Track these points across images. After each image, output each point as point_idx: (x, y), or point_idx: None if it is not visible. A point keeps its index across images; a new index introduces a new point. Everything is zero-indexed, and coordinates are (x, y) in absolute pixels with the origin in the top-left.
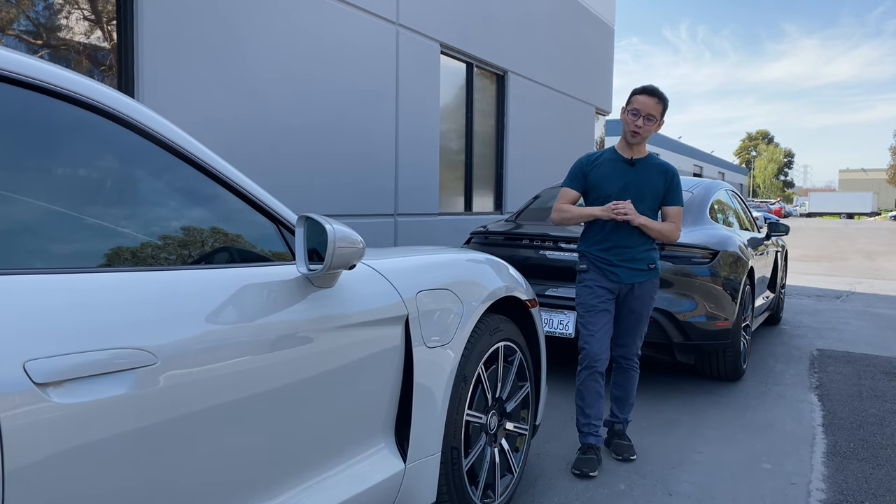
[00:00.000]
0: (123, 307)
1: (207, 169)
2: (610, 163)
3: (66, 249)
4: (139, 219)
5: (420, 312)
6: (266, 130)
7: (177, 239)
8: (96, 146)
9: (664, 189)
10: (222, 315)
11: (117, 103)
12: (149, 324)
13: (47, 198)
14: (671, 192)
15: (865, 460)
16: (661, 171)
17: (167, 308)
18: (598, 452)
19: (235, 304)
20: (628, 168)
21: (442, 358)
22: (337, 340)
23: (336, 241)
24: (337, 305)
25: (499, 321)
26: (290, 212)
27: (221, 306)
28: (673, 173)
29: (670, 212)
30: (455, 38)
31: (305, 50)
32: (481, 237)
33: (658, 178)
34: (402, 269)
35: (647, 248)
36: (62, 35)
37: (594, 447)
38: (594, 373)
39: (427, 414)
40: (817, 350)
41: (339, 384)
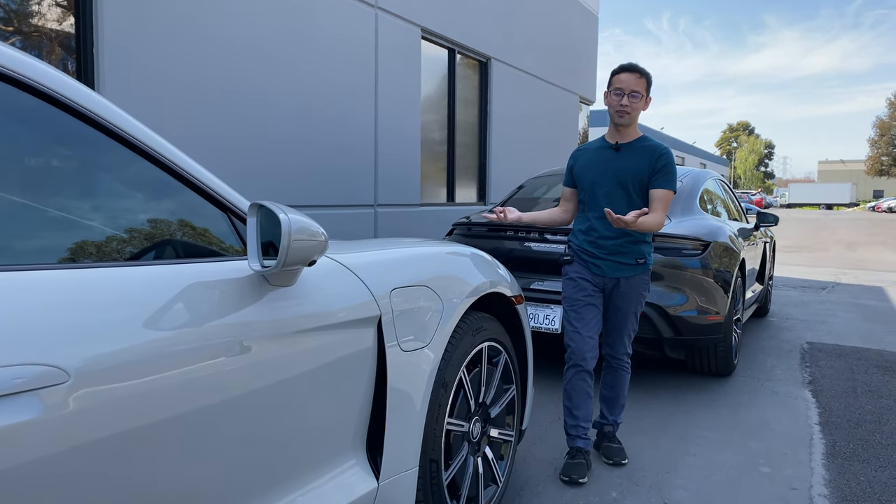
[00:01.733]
0: (27, 314)
1: (139, 146)
2: (594, 152)
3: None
4: (54, 206)
5: (394, 312)
6: (238, 118)
7: (103, 230)
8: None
9: (649, 171)
10: (159, 320)
11: (14, 62)
12: (60, 334)
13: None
14: (658, 174)
15: (867, 462)
16: (647, 153)
17: (86, 314)
18: (587, 457)
19: (175, 306)
20: (612, 154)
21: (419, 362)
22: (297, 346)
23: (292, 233)
24: (297, 306)
25: (482, 320)
26: (243, 199)
27: (159, 310)
28: (661, 154)
29: (656, 195)
30: (436, 23)
31: (280, 33)
32: (464, 228)
33: (643, 162)
34: (375, 264)
35: (635, 240)
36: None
37: (583, 451)
38: (581, 372)
39: (403, 425)
40: (807, 343)
41: (300, 395)
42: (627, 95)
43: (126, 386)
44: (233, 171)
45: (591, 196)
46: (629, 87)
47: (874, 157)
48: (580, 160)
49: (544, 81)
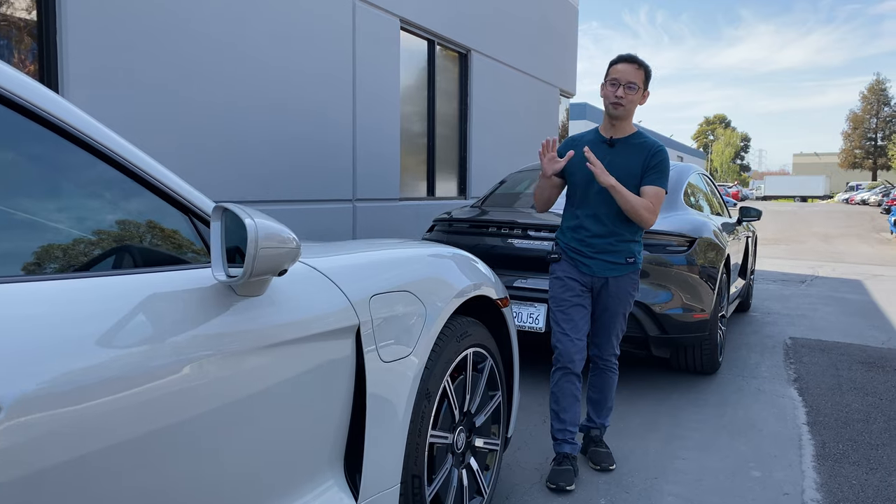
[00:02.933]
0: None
1: (87, 141)
2: (589, 145)
3: None
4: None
5: (374, 320)
6: (209, 111)
7: (46, 237)
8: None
9: (641, 169)
10: (112, 337)
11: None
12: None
13: None
14: (650, 171)
15: (857, 464)
16: (640, 151)
17: (27, 335)
18: (574, 463)
19: (131, 321)
20: (606, 149)
21: (401, 373)
22: (266, 359)
23: (259, 240)
24: (267, 317)
25: (467, 324)
26: (208, 201)
27: (113, 326)
28: (655, 151)
29: (647, 192)
30: (416, 14)
31: (254, 24)
32: (445, 225)
33: (635, 159)
34: (353, 268)
35: (625, 239)
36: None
37: (570, 457)
38: (569, 374)
39: (384, 440)
40: (790, 339)
41: (270, 412)
42: (623, 87)
43: (73, 411)
44: (203, 166)
45: (582, 194)
46: (625, 78)
47: (847, 150)
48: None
49: (525, 74)
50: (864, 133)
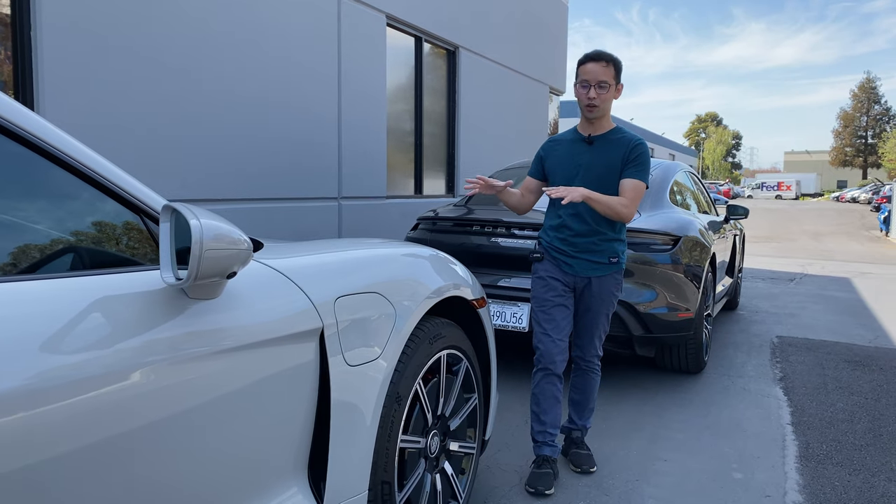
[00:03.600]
0: None
1: (28, 138)
2: (567, 144)
3: None
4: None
5: (339, 323)
6: (186, 106)
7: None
8: None
9: (621, 164)
10: (58, 343)
11: None
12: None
13: None
14: (630, 164)
15: (841, 465)
16: (620, 146)
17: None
18: (554, 466)
19: (77, 326)
20: (585, 148)
21: (369, 377)
22: (222, 365)
23: (204, 241)
24: (222, 321)
25: (441, 326)
26: (161, 199)
27: (58, 331)
28: (634, 145)
29: (625, 185)
30: (403, 10)
31: (234, 19)
32: (429, 223)
33: (615, 154)
34: (317, 269)
35: (608, 238)
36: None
37: (550, 460)
38: (550, 375)
39: (350, 446)
40: (777, 337)
41: (227, 419)
42: (594, 87)
43: (15, 420)
44: (181, 163)
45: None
46: (595, 77)
47: (838, 148)
48: (552, 154)
49: (514, 71)
50: (855, 131)
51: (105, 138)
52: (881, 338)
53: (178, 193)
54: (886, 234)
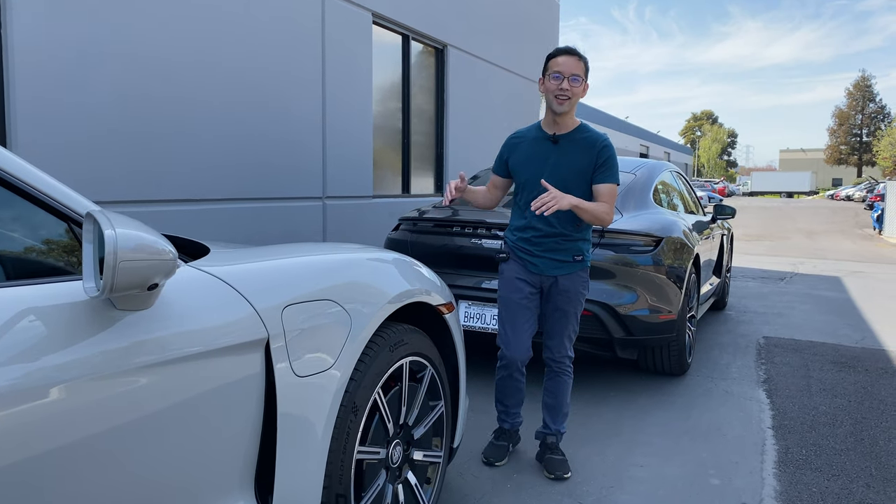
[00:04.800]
0: None
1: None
2: (531, 143)
3: None
4: None
5: (287, 333)
6: (166, 106)
7: None
8: None
9: (592, 166)
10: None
11: None
12: None
13: None
14: (601, 168)
15: (819, 470)
16: (587, 147)
17: None
18: (511, 438)
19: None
20: (550, 147)
21: (320, 388)
22: (155, 379)
23: (119, 252)
24: (155, 332)
25: (404, 332)
26: (90, 205)
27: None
28: (603, 146)
29: (601, 191)
30: (389, 8)
31: (213, 15)
32: (410, 224)
33: (583, 155)
34: (263, 276)
35: (573, 238)
36: None
37: (507, 432)
38: (513, 371)
39: (299, 459)
40: (764, 338)
41: (162, 436)
42: (567, 79)
43: None
44: (157, 163)
45: (529, 193)
46: (569, 70)
47: (833, 146)
48: (516, 152)
49: (504, 69)
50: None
51: (78, 139)
52: (868, 338)
53: (154, 194)
54: (880, 233)
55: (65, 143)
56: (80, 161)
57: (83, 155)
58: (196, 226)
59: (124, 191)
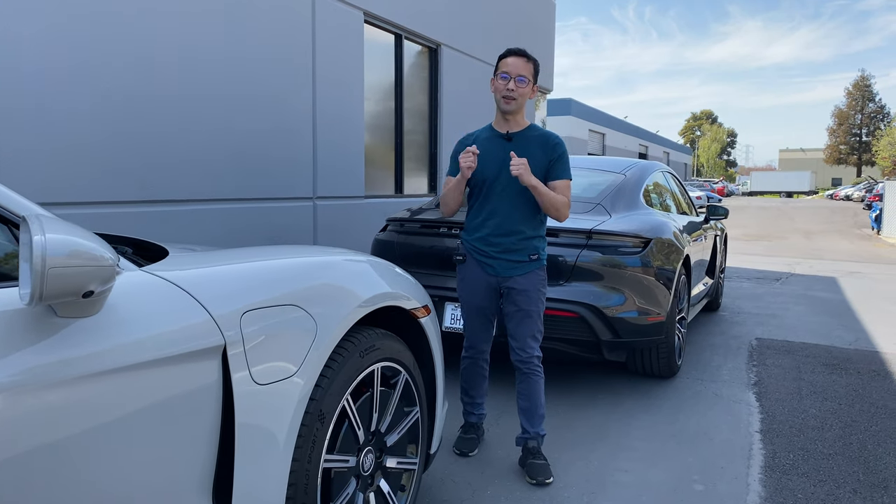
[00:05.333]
0: None
1: None
2: (486, 142)
3: None
4: None
5: (246, 339)
6: (150, 104)
7: None
8: None
9: (546, 163)
10: None
11: None
12: None
13: None
14: (555, 165)
15: (806, 475)
16: (541, 144)
17: None
18: (478, 430)
19: None
20: (505, 144)
21: (282, 395)
22: (101, 390)
23: (47, 258)
24: (101, 340)
25: (375, 337)
26: (34, 207)
27: None
28: (555, 143)
29: (558, 186)
30: (381, 7)
31: (201, 14)
32: (397, 225)
33: (538, 152)
34: (221, 281)
35: (527, 237)
36: None
37: (475, 426)
38: (477, 359)
39: (259, 469)
40: (756, 339)
41: (111, 446)
42: (514, 80)
43: None
44: (141, 162)
45: (487, 192)
46: (516, 71)
47: (832, 146)
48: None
49: None
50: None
51: (54, 134)
52: (862, 340)
53: (136, 194)
54: (878, 233)
55: (45, 145)
56: (61, 162)
57: (64, 156)
58: (181, 227)
59: (109, 192)
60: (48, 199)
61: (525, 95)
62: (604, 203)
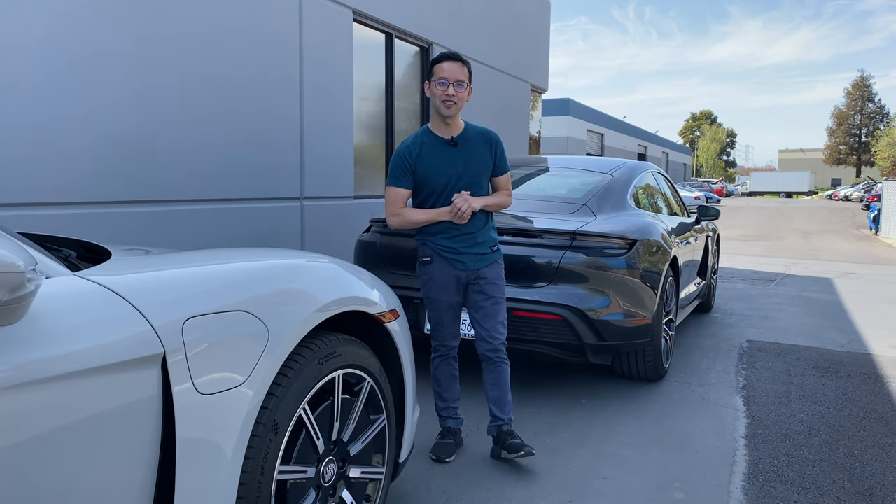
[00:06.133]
0: None
1: None
2: (432, 148)
3: None
4: None
5: (188, 347)
6: (134, 102)
7: None
8: None
9: (492, 159)
10: None
11: None
12: None
13: None
14: (498, 162)
15: (790, 483)
16: (484, 143)
17: None
18: (456, 437)
19: None
20: (452, 151)
21: (228, 406)
22: (22, 403)
23: None
24: (22, 351)
25: (336, 343)
26: None
27: None
28: (496, 140)
29: (501, 182)
30: (371, 5)
31: (188, 11)
32: (381, 226)
33: (485, 152)
34: (163, 287)
35: (488, 230)
36: None
37: (453, 431)
38: (447, 358)
39: (203, 483)
40: (747, 342)
41: (34, 464)
42: (452, 85)
43: None
44: (125, 162)
45: (445, 198)
46: (454, 76)
47: (832, 146)
48: (423, 161)
49: (492, 69)
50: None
51: (39, 134)
52: (854, 342)
53: (121, 195)
54: (876, 233)
55: (30, 145)
56: (46, 162)
57: (48, 156)
58: (166, 228)
59: (94, 192)
60: (32, 200)
61: (464, 99)
62: (589, 204)
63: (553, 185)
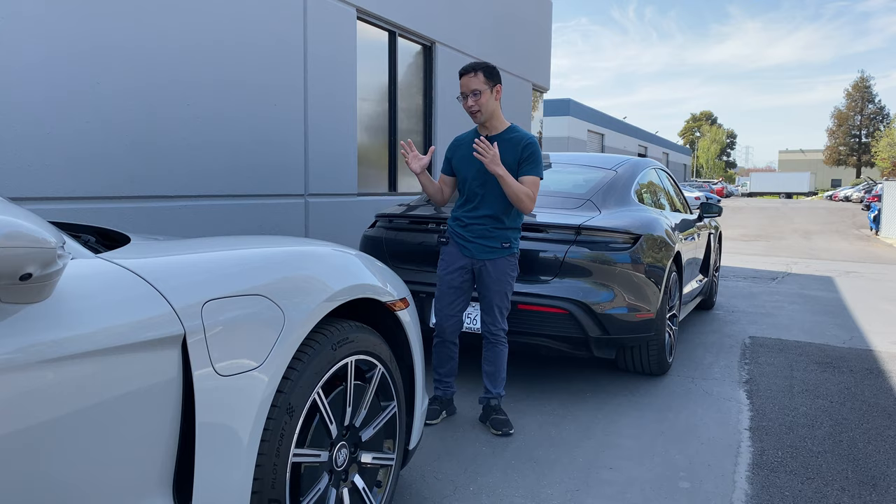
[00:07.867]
0: None
1: None
2: (468, 145)
3: None
4: None
5: (207, 329)
6: (140, 97)
7: None
8: None
9: (517, 162)
10: None
11: None
12: None
13: None
14: (525, 163)
15: (794, 473)
16: (513, 145)
17: None
18: (442, 404)
19: None
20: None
21: (246, 388)
22: (50, 379)
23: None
24: (51, 329)
25: (349, 330)
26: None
27: None
28: (527, 144)
29: (525, 181)
30: (374, 4)
31: (193, 9)
32: (386, 221)
33: (509, 152)
34: (184, 270)
35: (502, 227)
36: None
37: (441, 400)
38: (445, 342)
39: (222, 464)
40: (749, 338)
41: (62, 437)
42: (470, 96)
43: None
44: (129, 157)
45: (469, 188)
46: (468, 88)
47: (832, 147)
48: (457, 154)
49: None
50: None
51: (44, 129)
52: (856, 338)
53: (126, 190)
54: (876, 233)
55: (36, 140)
56: (51, 157)
57: (53, 151)
58: (171, 224)
59: (99, 187)
60: (38, 195)
61: (486, 104)
62: (594, 199)
63: (557, 181)
